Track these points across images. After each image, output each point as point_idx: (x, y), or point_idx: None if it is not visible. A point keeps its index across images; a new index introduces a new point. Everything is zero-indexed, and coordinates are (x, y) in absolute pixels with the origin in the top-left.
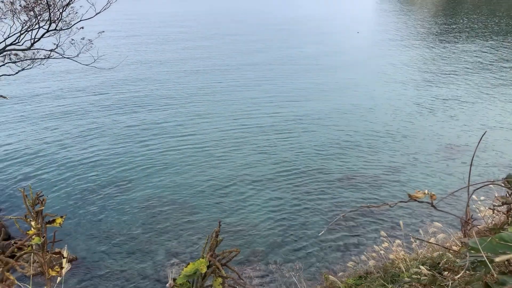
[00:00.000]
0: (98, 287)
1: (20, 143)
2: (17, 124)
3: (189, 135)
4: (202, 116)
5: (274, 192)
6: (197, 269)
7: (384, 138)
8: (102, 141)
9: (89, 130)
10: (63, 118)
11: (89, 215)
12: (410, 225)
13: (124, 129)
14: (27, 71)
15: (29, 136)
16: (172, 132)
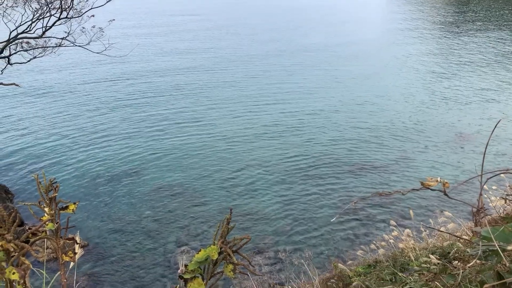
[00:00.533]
0: (110, 273)
1: (32, 130)
2: (29, 111)
3: (200, 123)
4: (213, 104)
5: (284, 180)
6: (209, 255)
7: (395, 127)
8: (113, 129)
9: (100, 117)
10: (74, 106)
11: (100, 202)
12: (420, 214)
13: (134, 117)
14: (38, 59)
15: (41, 123)
16: (183, 120)
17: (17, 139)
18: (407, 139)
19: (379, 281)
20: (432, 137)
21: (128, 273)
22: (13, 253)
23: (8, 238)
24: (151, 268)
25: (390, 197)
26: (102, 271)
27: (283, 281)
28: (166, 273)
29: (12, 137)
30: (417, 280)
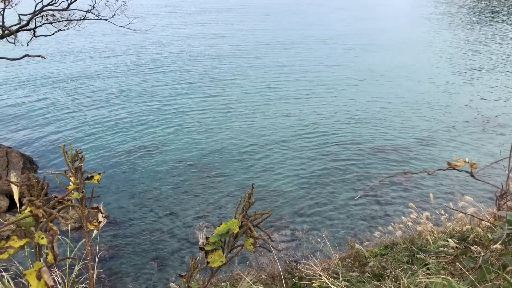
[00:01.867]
0: (130, 244)
1: (55, 102)
2: (54, 83)
3: (220, 99)
4: (234, 80)
5: (303, 159)
6: (230, 228)
7: (419, 107)
8: (135, 102)
9: (122, 91)
10: (97, 78)
11: (121, 175)
12: (440, 198)
13: (157, 91)
14: (63, 32)
15: (65, 95)
16: (205, 95)
17: (41, 110)
18: (431, 119)
19: (395, 263)
20: (456, 119)
21: (147, 245)
22: (41, 219)
23: (37, 204)
24: (170, 241)
25: (410, 180)
26: (123, 242)
27: (299, 258)
28: (185, 246)
29: (36, 109)
30: (437, 262)
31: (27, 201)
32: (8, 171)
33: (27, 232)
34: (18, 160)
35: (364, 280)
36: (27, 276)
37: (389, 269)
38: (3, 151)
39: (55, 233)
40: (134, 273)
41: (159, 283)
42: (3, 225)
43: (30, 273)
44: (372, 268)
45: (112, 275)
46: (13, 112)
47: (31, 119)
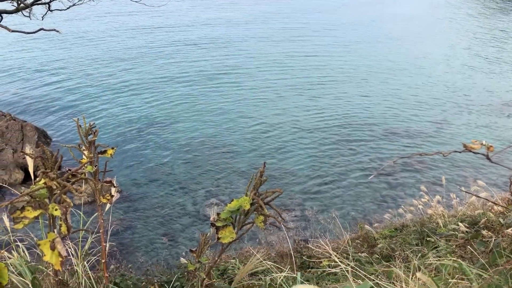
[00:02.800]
0: (141, 218)
1: (69, 76)
2: (68, 58)
3: (234, 77)
4: (249, 59)
5: (315, 139)
6: (241, 205)
7: (434, 89)
8: (149, 78)
9: (136, 66)
10: (112, 54)
11: (133, 150)
12: (452, 182)
13: (171, 67)
14: (77, 6)
15: (79, 69)
16: (219, 73)
17: (55, 84)
18: (446, 102)
19: (404, 245)
20: (473, 102)
21: (158, 220)
22: (55, 191)
23: (51, 176)
24: (181, 216)
25: (423, 163)
26: (134, 216)
27: (308, 238)
28: (195, 223)
29: (51, 83)
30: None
31: (41, 173)
32: (23, 144)
33: (41, 204)
34: (33, 134)
35: (372, 261)
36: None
37: (398, 251)
38: (18, 125)
39: (69, 205)
40: (145, 247)
41: (169, 258)
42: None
43: (44, 244)
44: (381, 249)
45: (124, 249)
46: (28, 86)
47: (44, 93)
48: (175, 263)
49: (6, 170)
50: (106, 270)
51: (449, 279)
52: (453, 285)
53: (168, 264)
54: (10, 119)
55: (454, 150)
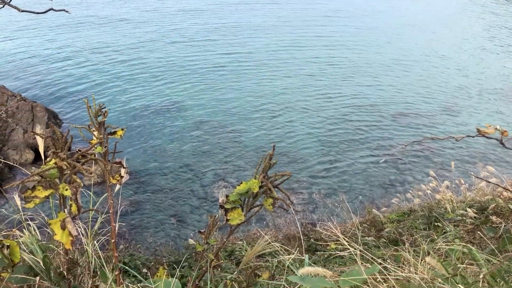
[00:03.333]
0: (150, 200)
1: (81, 58)
2: (77, 39)
3: (243, 59)
4: (258, 44)
5: (324, 122)
6: (250, 188)
7: (444, 74)
8: (159, 61)
9: (147, 49)
10: (122, 35)
11: (143, 132)
12: (461, 167)
13: (182, 51)
14: None
15: (89, 51)
16: (227, 55)
17: (66, 67)
18: (458, 85)
19: (412, 230)
20: (486, 86)
21: (167, 202)
22: (65, 171)
23: (62, 156)
24: (189, 198)
25: (432, 148)
26: (143, 198)
27: (315, 221)
28: (203, 205)
29: (62, 65)
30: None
31: (52, 153)
32: (33, 125)
33: (52, 183)
34: (43, 115)
35: (379, 245)
36: (52, 226)
37: (406, 235)
38: (28, 105)
39: (79, 185)
40: (154, 228)
41: (178, 239)
42: (29, 176)
43: (55, 223)
44: (389, 234)
45: (133, 229)
46: (38, 67)
47: (55, 74)
48: (183, 244)
49: (17, 150)
50: (115, 249)
51: (458, 264)
52: (462, 270)
53: (176, 244)
54: (20, 100)
55: (466, 134)
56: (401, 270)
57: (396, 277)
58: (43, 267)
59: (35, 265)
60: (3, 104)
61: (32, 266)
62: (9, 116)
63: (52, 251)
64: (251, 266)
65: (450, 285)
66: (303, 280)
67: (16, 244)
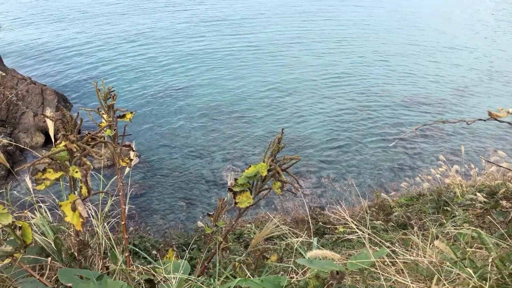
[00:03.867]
0: (159, 183)
1: (92, 41)
2: (88, 23)
3: (252, 43)
4: (267, 24)
5: (333, 106)
6: (258, 171)
7: (455, 56)
8: (168, 44)
9: (155, 31)
10: (131, 18)
11: (152, 116)
12: (471, 152)
13: (188, 34)
14: None
15: (101, 34)
16: (236, 39)
17: (75, 51)
18: (468, 69)
19: (420, 214)
20: (496, 69)
21: (176, 185)
22: (75, 154)
23: (72, 139)
24: (198, 182)
25: (442, 132)
26: (152, 181)
27: (323, 205)
28: (212, 188)
29: (71, 50)
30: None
31: (62, 135)
32: (43, 108)
33: (62, 166)
34: (53, 98)
35: (388, 229)
36: (62, 207)
37: (414, 219)
38: (38, 89)
39: (89, 167)
40: (163, 210)
41: (187, 221)
42: (39, 158)
43: (66, 205)
44: (397, 217)
45: (142, 212)
46: (48, 50)
47: (64, 58)
48: (192, 226)
49: (27, 133)
50: (125, 231)
51: (467, 248)
52: (470, 254)
53: (185, 227)
54: (30, 83)
55: (478, 118)
56: (409, 254)
57: (404, 260)
58: (54, 248)
59: (47, 246)
60: (14, 87)
61: (43, 247)
62: (19, 100)
63: (63, 232)
64: (260, 248)
65: (458, 269)
66: (311, 262)
67: (28, 225)
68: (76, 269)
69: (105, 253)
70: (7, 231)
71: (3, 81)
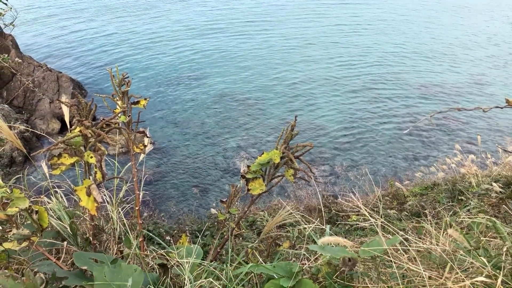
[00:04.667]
0: (172, 170)
1: (106, 28)
2: (103, 10)
3: (264, 30)
4: (280, 11)
5: (347, 93)
6: (271, 158)
7: (472, 42)
8: (181, 33)
9: (170, 18)
10: (145, 6)
11: (165, 103)
12: (488, 141)
13: (202, 20)
14: None
15: (115, 22)
16: (248, 25)
17: (90, 38)
18: (485, 56)
19: (434, 203)
20: None
21: (189, 172)
22: (90, 139)
23: (86, 124)
24: (211, 169)
25: (458, 120)
26: (166, 168)
27: (336, 193)
28: (225, 175)
29: (85, 37)
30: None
31: (77, 121)
32: (59, 95)
33: (77, 151)
34: (68, 85)
35: (401, 218)
36: (77, 192)
37: (428, 209)
38: (54, 76)
39: (103, 153)
40: (177, 197)
41: (200, 208)
42: (54, 143)
43: (81, 190)
44: (411, 207)
45: (156, 198)
46: (62, 39)
47: (79, 45)
48: (205, 213)
49: (43, 120)
50: (140, 217)
51: (481, 237)
52: (485, 243)
53: (198, 214)
54: (46, 70)
55: (496, 105)
56: (422, 242)
57: (417, 248)
58: (70, 232)
59: (63, 231)
60: (30, 74)
61: (59, 231)
62: (35, 86)
63: (78, 217)
64: (272, 235)
65: (472, 258)
66: (323, 249)
67: (44, 210)
68: (91, 253)
69: (120, 238)
70: (24, 215)
71: (19, 68)
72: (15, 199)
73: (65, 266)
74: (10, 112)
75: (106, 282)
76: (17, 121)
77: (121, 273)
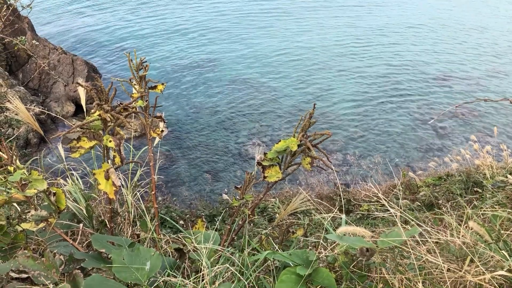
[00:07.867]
0: (185, 155)
1: (118, 10)
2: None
3: (281, 18)
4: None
5: (362, 83)
6: (288, 146)
7: (491, 34)
8: (197, 20)
9: (185, 8)
10: None
11: (180, 88)
12: (505, 133)
13: (217, 8)
14: None
15: (130, 8)
16: (263, 13)
17: (105, 21)
18: (506, 47)
19: (448, 194)
20: None
21: (202, 158)
22: (109, 123)
23: (106, 108)
24: (224, 155)
25: (474, 112)
26: (179, 153)
27: (348, 182)
28: (238, 162)
29: (100, 20)
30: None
31: (96, 105)
32: (73, 78)
33: (96, 135)
34: (83, 68)
35: (413, 208)
36: (96, 175)
37: (441, 199)
38: (69, 59)
39: (122, 137)
40: (189, 182)
41: (212, 194)
42: (72, 127)
43: (99, 173)
44: (424, 197)
45: (169, 183)
46: (76, 21)
47: (93, 28)
48: (217, 198)
49: (58, 103)
50: (155, 201)
51: (501, 230)
52: (506, 237)
53: (210, 199)
54: (62, 53)
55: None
56: (442, 234)
57: (437, 240)
58: (85, 214)
59: (79, 213)
60: (46, 57)
61: (75, 213)
62: (51, 69)
63: (94, 200)
64: (286, 223)
65: (493, 251)
66: (341, 238)
67: (62, 192)
68: (109, 236)
69: (134, 221)
70: (41, 196)
71: (35, 51)
72: (33, 181)
73: (81, 248)
74: (26, 94)
75: (124, 265)
76: (33, 103)
77: (139, 257)
